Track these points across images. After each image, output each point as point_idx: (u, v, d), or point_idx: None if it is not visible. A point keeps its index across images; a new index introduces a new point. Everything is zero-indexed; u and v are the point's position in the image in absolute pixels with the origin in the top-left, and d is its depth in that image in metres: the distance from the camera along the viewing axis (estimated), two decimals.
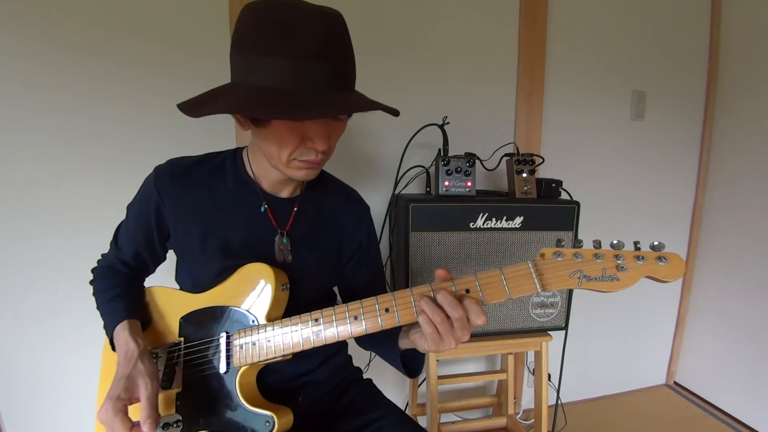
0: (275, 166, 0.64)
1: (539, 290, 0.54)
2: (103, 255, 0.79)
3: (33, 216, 1.10)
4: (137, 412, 0.59)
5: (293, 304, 0.69)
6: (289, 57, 0.52)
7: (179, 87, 1.13)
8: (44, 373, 1.17)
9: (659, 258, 0.51)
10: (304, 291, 0.72)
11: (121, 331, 0.66)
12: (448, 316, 0.54)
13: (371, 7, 1.25)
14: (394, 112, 0.60)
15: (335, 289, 0.86)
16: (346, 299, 0.84)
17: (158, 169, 0.70)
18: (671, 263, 0.51)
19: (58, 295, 1.14)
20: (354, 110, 0.58)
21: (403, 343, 0.67)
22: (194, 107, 0.56)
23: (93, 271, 0.77)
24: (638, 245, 0.53)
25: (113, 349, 0.69)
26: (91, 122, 1.10)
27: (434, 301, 0.55)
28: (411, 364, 0.72)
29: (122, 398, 0.59)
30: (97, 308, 0.73)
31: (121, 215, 0.75)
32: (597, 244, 0.54)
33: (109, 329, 0.68)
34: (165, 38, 1.11)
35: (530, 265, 0.54)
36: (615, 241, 0.53)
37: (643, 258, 0.52)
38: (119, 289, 0.72)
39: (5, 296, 1.12)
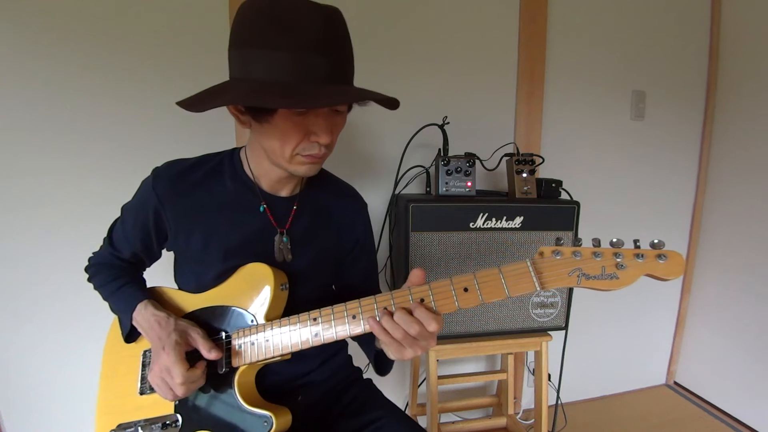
0: (277, 162, 0.64)
1: (538, 289, 0.54)
2: (94, 253, 0.79)
3: (33, 211, 1.10)
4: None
5: (292, 304, 0.69)
6: (290, 50, 0.52)
7: (180, 85, 1.13)
8: (43, 370, 1.17)
9: (659, 256, 0.51)
10: (303, 290, 0.72)
11: (143, 309, 0.67)
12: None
13: (371, 7, 1.25)
14: (394, 102, 0.61)
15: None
16: (340, 293, 0.84)
17: (156, 173, 0.69)
18: (671, 261, 0.51)
19: (56, 291, 1.14)
20: (362, 99, 0.58)
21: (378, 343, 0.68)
22: (196, 103, 0.56)
23: (88, 269, 0.77)
24: (638, 243, 0.53)
25: (128, 336, 0.70)
26: (91, 118, 1.10)
27: (393, 317, 0.55)
28: (382, 365, 0.75)
29: (180, 343, 0.61)
30: (105, 299, 0.73)
31: (119, 211, 0.75)
32: (596, 243, 0.54)
33: (127, 314, 0.68)
34: (166, 36, 1.12)
35: (529, 263, 0.54)
36: (614, 240, 0.53)
37: (642, 256, 0.51)
38: (126, 278, 0.73)
39: (2, 292, 1.11)
